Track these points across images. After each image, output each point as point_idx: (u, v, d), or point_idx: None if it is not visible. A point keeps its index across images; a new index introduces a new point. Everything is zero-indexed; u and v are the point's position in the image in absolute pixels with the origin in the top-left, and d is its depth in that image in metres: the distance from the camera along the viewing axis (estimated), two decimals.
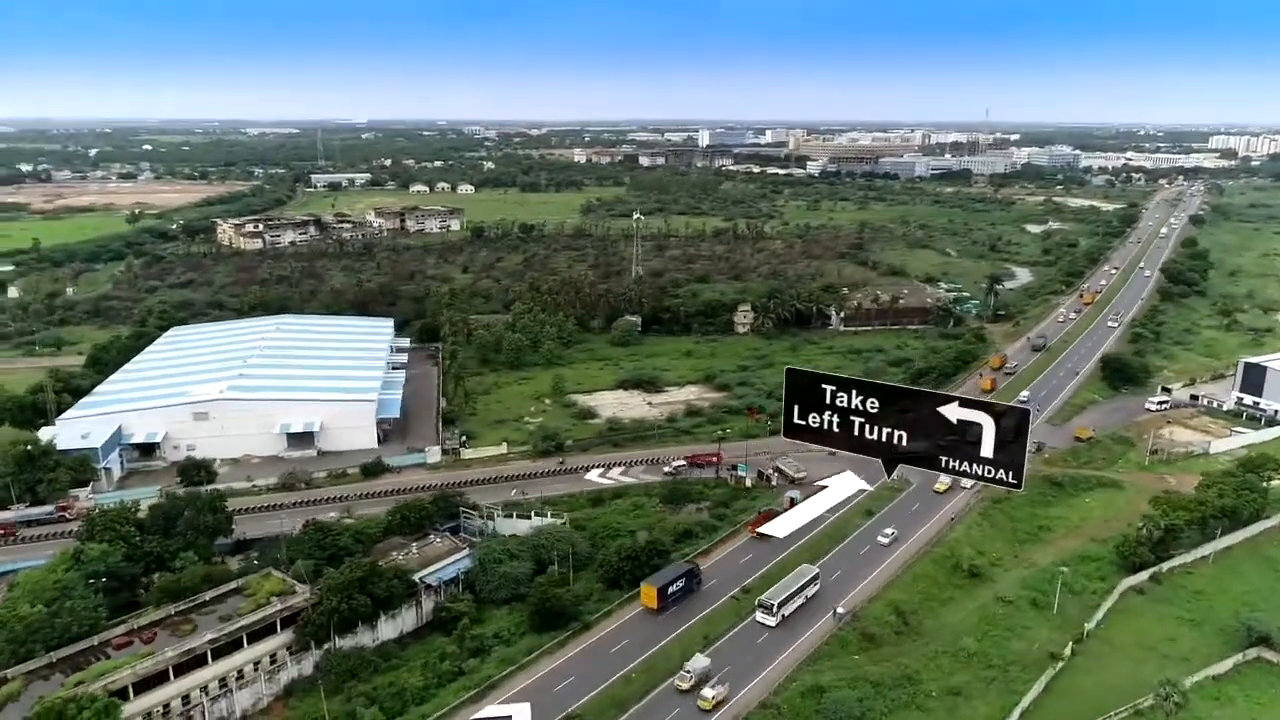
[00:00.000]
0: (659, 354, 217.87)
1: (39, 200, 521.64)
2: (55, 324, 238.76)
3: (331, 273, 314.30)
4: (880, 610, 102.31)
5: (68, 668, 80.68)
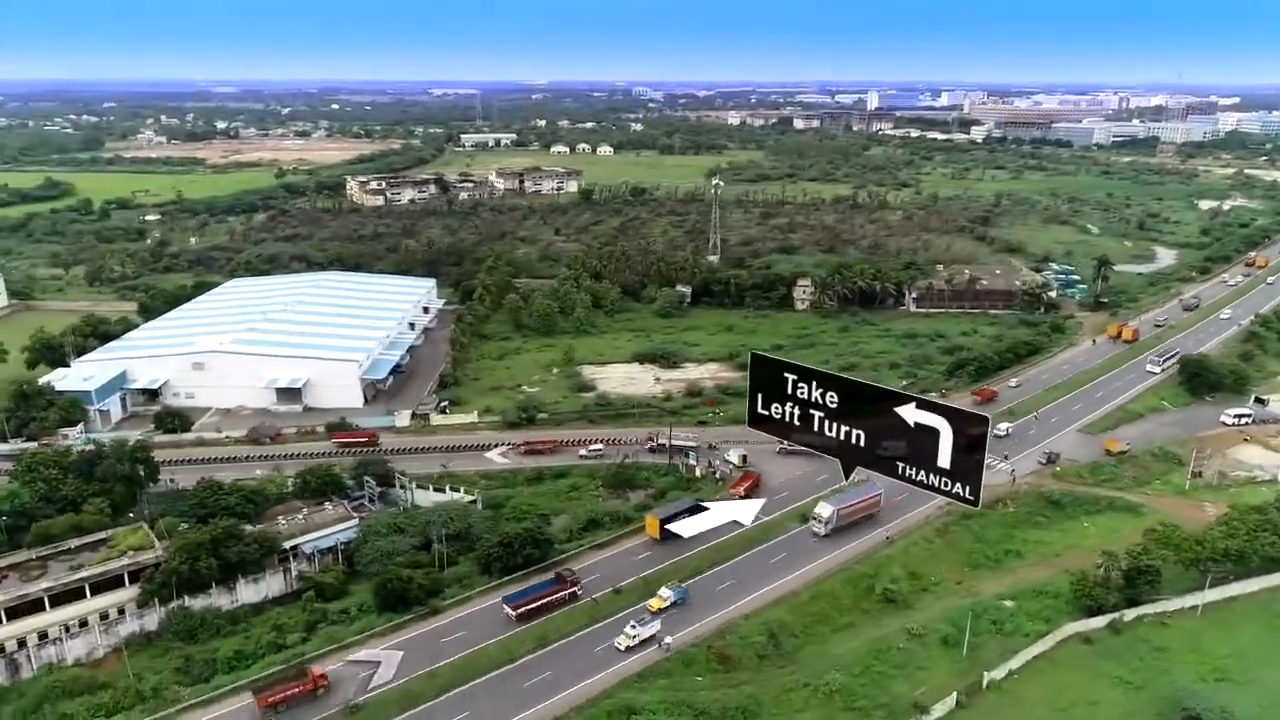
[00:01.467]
0: (698, 327, 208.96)
1: (216, 156, 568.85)
2: (160, 271, 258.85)
3: (432, 230, 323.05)
4: (751, 629, 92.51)
5: None
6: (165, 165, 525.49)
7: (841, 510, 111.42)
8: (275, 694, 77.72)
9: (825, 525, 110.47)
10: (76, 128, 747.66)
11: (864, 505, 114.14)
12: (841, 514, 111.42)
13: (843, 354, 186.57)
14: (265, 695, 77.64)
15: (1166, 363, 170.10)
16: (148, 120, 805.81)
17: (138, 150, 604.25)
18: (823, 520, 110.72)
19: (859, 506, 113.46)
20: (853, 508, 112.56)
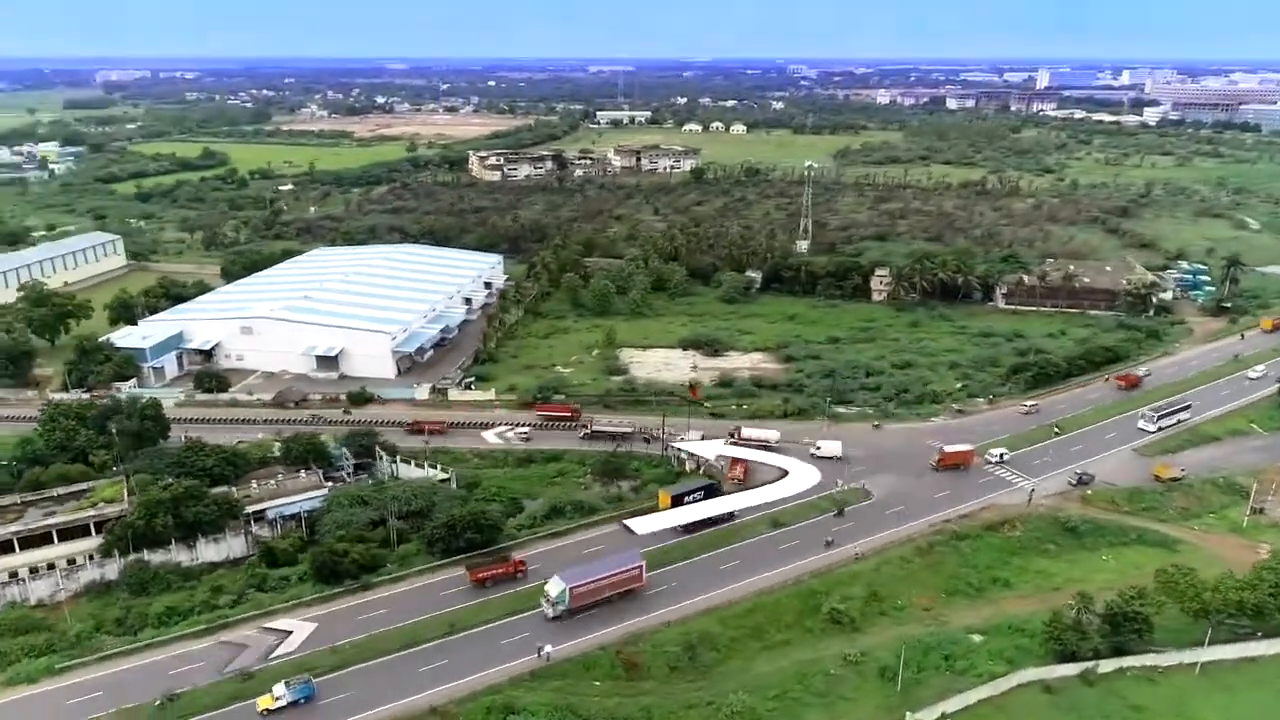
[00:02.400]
0: (760, 315, 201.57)
1: (366, 130, 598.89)
2: (271, 239, 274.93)
3: (534, 205, 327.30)
4: (669, 637, 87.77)
5: None
6: (318, 138, 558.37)
7: (577, 587, 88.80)
8: (483, 571, 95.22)
9: (554, 606, 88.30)
10: (256, 102, 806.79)
11: (614, 579, 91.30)
12: (577, 592, 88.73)
13: (902, 350, 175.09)
14: (476, 571, 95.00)
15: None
16: (316, 95, 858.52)
17: (300, 124, 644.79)
18: (551, 600, 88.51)
19: (606, 582, 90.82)
20: (596, 583, 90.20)
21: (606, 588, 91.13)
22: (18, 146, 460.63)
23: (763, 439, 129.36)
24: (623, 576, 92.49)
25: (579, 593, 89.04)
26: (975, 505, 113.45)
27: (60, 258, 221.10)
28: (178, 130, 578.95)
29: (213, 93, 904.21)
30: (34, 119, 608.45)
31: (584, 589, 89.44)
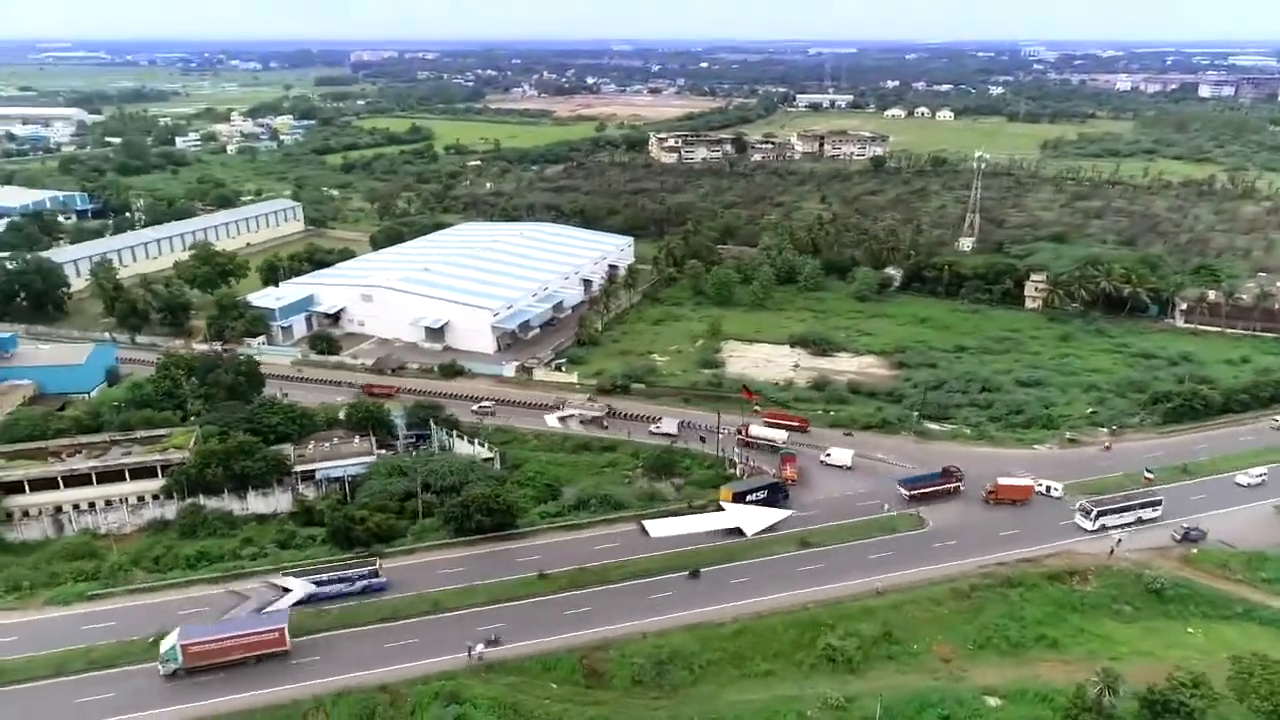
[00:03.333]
0: (890, 315, 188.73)
1: (566, 110, 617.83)
2: (440, 211, 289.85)
3: (700, 189, 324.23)
4: (640, 649, 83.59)
5: (13, 456, 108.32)
6: (521, 116, 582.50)
7: (192, 645, 78.07)
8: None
9: (164, 664, 78.11)
10: (476, 81, 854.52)
11: (244, 641, 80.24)
12: (191, 650, 77.85)
13: (1037, 366, 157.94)
14: None
15: None
16: (533, 76, 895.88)
17: (510, 102, 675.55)
18: (162, 656, 78.42)
19: (232, 642, 79.71)
20: (218, 643, 79.28)
21: (234, 649, 79.74)
22: (261, 119, 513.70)
23: (770, 439, 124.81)
24: (255, 639, 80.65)
25: (194, 651, 78.29)
26: (1044, 550, 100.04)
27: (245, 221, 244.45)
28: (399, 107, 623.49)
29: (441, 72, 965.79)
30: (284, 94, 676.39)
31: (201, 648, 78.68)
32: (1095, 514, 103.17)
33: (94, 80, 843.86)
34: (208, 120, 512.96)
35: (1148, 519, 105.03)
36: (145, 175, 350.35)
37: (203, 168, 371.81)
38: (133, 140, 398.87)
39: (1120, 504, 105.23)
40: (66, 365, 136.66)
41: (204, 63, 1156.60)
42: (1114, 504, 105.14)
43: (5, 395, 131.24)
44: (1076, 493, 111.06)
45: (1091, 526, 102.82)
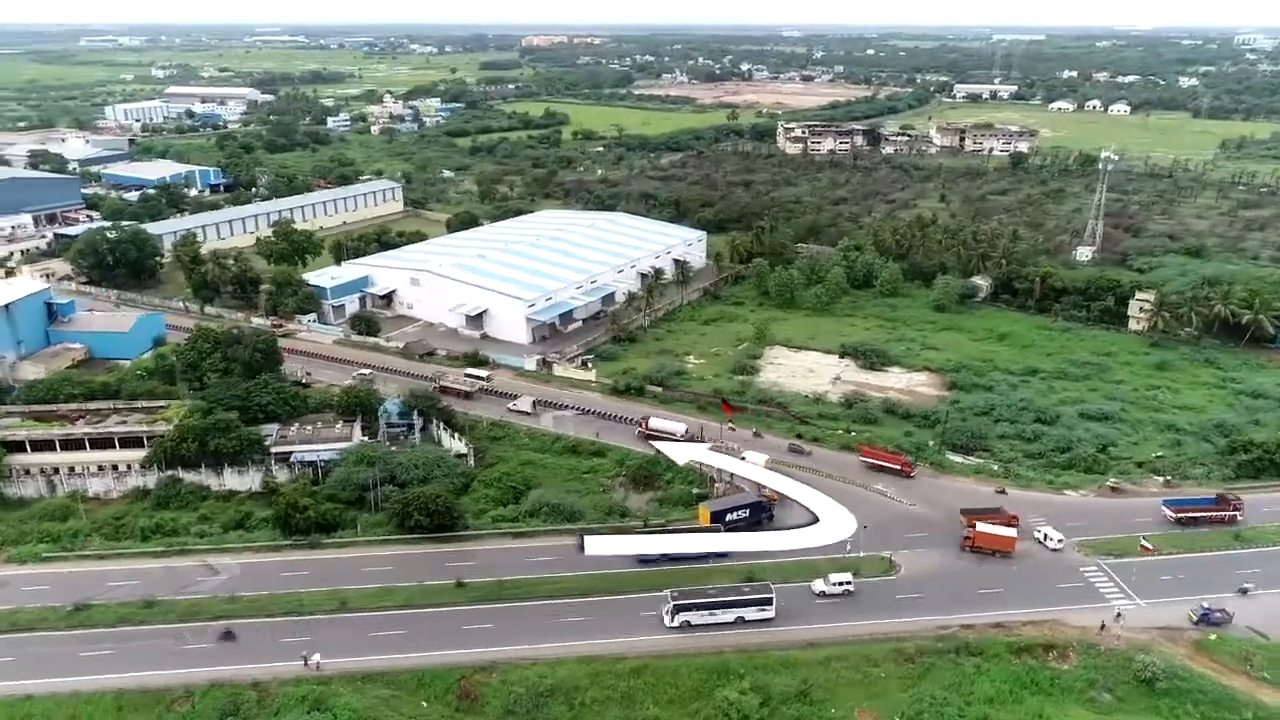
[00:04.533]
0: (966, 329, 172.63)
1: (709, 96, 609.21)
2: (541, 197, 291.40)
3: (817, 182, 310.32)
4: (524, 677, 78.38)
5: (26, 417, 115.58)
6: (662, 103, 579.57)
7: None
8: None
9: None
10: (634, 66, 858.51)
11: None
12: None
13: (1118, 398, 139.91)
14: None
15: None
16: (689, 61, 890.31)
17: (656, 88, 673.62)
18: None
19: None
20: None
21: None
22: (412, 101, 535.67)
23: (669, 431, 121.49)
24: None
25: None
26: (1024, 615, 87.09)
27: (345, 199, 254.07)
28: (547, 91, 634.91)
29: (602, 58, 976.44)
30: (448, 77, 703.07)
31: None
32: (673, 609, 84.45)
33: (286, 62, 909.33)
34: (364, 102, 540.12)
35: (752, 619, 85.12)
36: (288, 152, 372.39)
37: (341, 147, 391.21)
38: (282, 119, 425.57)
39: (713, 598, 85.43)
40: (113, 332, 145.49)
41: (387, 47, 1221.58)
42: (704, 598, 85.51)
43: (56, 356, 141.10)
44: (1087, 549, 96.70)
45: (670, 623, 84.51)
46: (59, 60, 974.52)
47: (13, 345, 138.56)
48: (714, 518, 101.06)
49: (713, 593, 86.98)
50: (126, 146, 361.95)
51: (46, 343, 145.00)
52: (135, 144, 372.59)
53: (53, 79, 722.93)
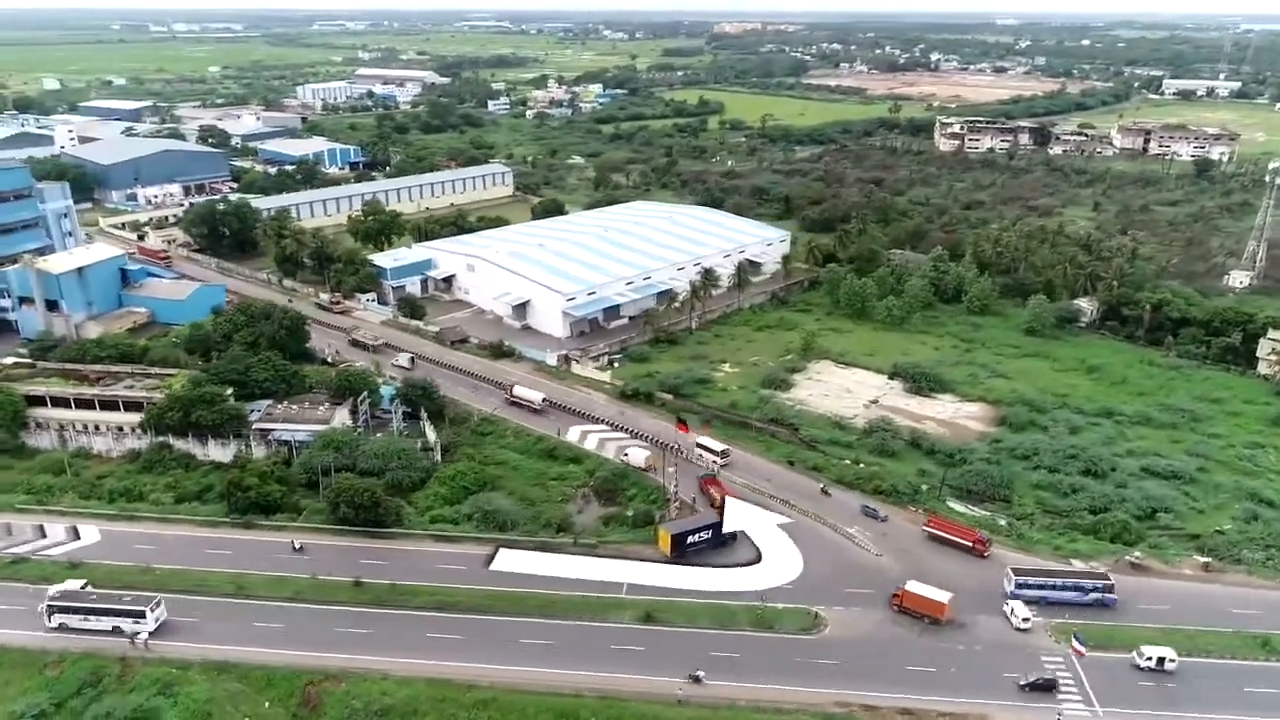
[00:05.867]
0: (1053, 357, 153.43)
1: (882, 87, 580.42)
2: (658, 187, 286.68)
3: (959, 184, 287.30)
4: (367, 691, 75.07)
5: (57, 373, 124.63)
6: (829, 93, 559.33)
7: None
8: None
9: None
10: (817, 55, 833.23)
11: None
12: None
13: (1203, 453, 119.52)
14: None
15: None
16: (876, 50, 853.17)
17: (829, 78, 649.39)
18: None
19: None
20: None
21: None
22: (575, 87, 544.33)
23: (528, 399, 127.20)
24: None
25: None
26: (944, 703, 74.36)
27: (454, 181, 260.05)
28: (715, 79, 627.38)
29: (786, 45, 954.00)
30: (619, 63, 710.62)
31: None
32: (47, 609, 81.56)
33: (482, 47, 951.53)
34: (531, 87, 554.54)
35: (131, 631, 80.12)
36: (440, 134, 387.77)
37: (491, 130, 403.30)
38: (438, 102, 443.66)
39: (93, 603, 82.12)
40: (173, 300, 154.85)
41: (581, 33, 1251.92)
42: (82, 601, 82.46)
43: (119, 319, 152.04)
44: (1062, 634, 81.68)
45: (48, 623, 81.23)
46: (288, 43, 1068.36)
47: (83, 306, 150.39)
48: (675, 542, 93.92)
49: (93, 597, 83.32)
50: (299, 124, 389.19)
51: (118, 305, 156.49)
52: (306, 122, 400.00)
53: (274, 60, 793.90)
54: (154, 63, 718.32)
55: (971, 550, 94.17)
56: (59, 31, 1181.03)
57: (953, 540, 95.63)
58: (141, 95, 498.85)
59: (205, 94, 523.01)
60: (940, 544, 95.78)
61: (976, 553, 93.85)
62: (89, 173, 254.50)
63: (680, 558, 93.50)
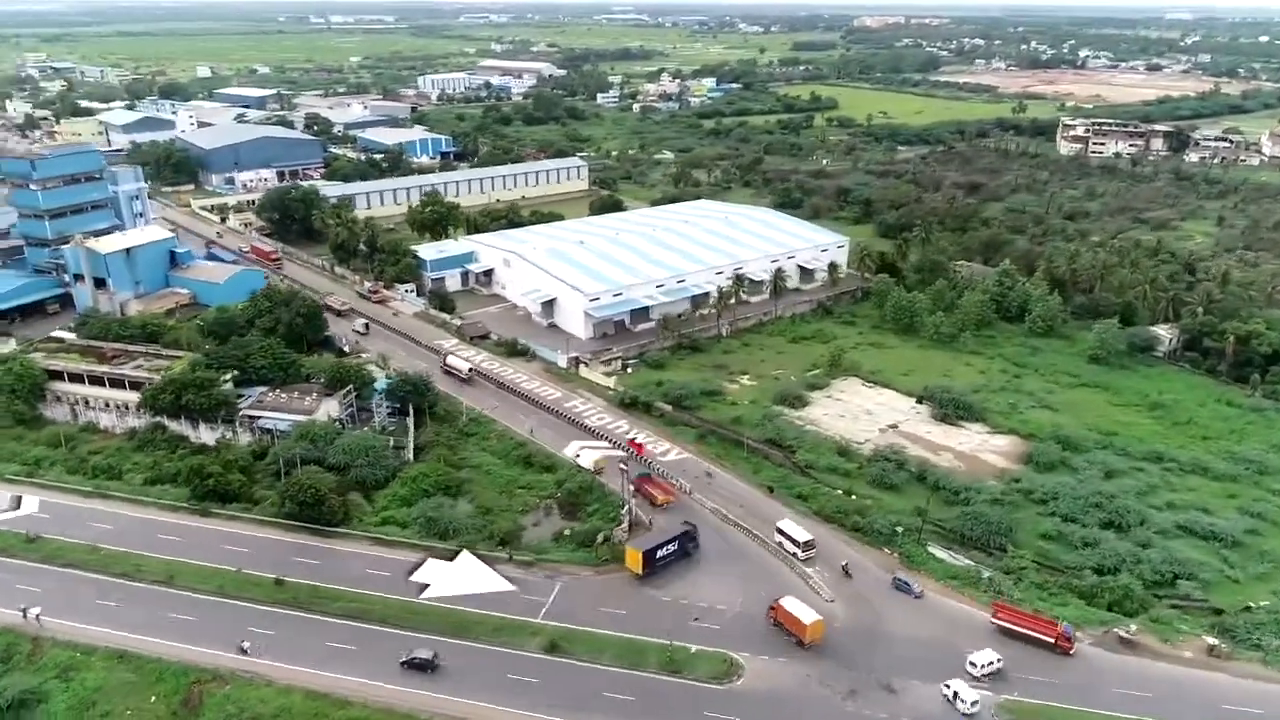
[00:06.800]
0: (1113, 389, 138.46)
1: (1017, 85, 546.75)
2: (740, 185, 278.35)
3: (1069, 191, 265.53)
4: (246, 697, 73.49)
5: (80, 349, 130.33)
6: (958, 90, 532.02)
7: None
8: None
9: None
10: (954, 51, 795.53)
11: None
12: None
13: (1259, 512, 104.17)
14: None
15: None
16: (1021, 46, 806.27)
17: (964, 75, 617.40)
18: None
19: None
20: None
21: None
22: (688, 80, 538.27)
23: (457, 368, 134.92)
24: None
25: None
26: None
27: (528, 174, 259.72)
28: (837, 74, 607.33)
29: (927, 39, 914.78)
30: (745, 57, 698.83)
31: None
32: None
33: (614, 39, 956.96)
34: (644, 80, 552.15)
35: None
36: (541, 125, 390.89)
37: (591, 123, 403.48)
38: (543, 94, 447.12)
39: None
40: (212, 283, 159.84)
41: (716, 26, 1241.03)
42: None
43: (161, 299, 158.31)
44: (1013, 715, 71.56)
45: None
46: (431, 35, 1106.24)
47: (131, 286, 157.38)
48: (646, 559, 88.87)
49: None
50: (408, 114, 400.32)
51: (165, 286, 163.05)
52: (416, 111, 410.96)
53: (412, 50, 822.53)
54: (304, 53, 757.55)
55: (1054, 646, 78.84)
56: (232, 23, 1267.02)
57: (1027, 634, 79.87)
58: (279, 84, 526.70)
59: (337, 83, 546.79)
60: (1011, 637, 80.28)
61: (1060, 650, 78.71)
62: (193, 156, 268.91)
63: (651, 574, 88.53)
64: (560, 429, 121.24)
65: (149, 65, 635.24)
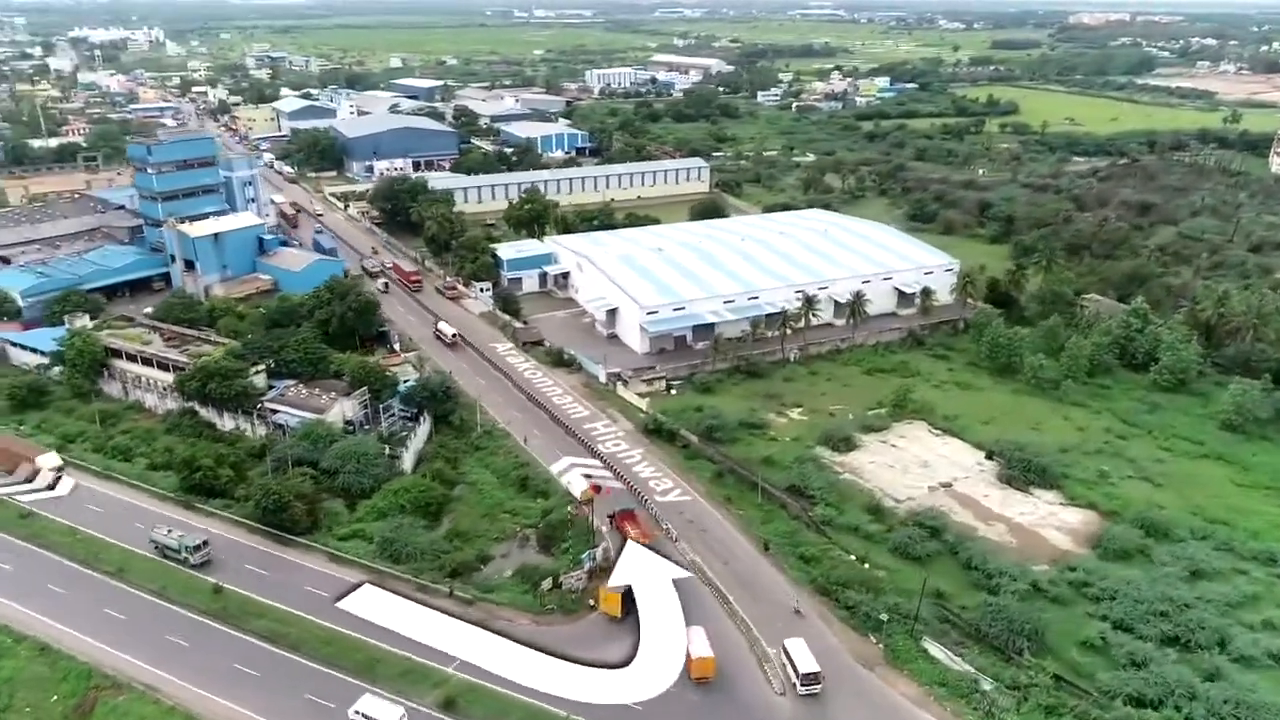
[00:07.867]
0: (1241, 463, 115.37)
1: (1242, 91, 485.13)
2: (876, 195, 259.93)
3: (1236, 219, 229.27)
4: (140, 710, 71.19)
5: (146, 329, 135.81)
6: (1164, 95, 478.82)
7: None
8: None
9: None
10: (1177, 51, 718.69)
11: None
12: None
13: None
14: None
15: None
16: (1262, 47, 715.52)
17: (1179, 78, 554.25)
18: None
19: None
20: None
21: None
22: (859, 79, 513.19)
23: (445, 334, 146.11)
24: None
25: None
26: None
27: (645, 174, 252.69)
28: (1030, 75, 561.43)
29: (1149, 39, 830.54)
30: (934, 55, 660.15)
31: None
32: None
33: (803, 35, 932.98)
34: (815, 77, 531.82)
35: None
36: (691, 123, 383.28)
37: (744, 121, 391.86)
38: (696, 90, 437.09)
39: None
40: (291, 270, 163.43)
41: (914, 22, 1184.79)
42: None
43: (243, 284, 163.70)
44: None
45: None
46: (622, 29, 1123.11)
47: (217, 269, 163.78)
48: (625, 601, 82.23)
49: None
50: (561, 108, 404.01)
51: (252, 271, 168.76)
52: (570, 105, 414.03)
53: (598, 44, 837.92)
54: (498, 46, 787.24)
55: None
56: (442, 16, 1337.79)
57: None
58: (462, 75, 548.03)
59: (514, 75, 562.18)
60: None
61: None
62: (339, 144, 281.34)
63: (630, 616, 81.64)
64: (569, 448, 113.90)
65: (353, 55, 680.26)
